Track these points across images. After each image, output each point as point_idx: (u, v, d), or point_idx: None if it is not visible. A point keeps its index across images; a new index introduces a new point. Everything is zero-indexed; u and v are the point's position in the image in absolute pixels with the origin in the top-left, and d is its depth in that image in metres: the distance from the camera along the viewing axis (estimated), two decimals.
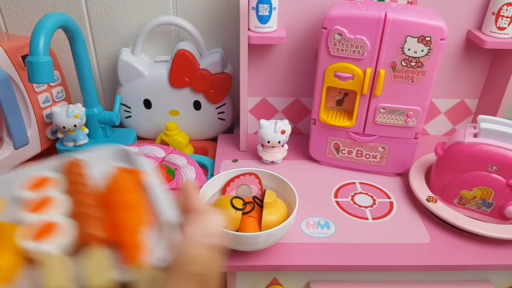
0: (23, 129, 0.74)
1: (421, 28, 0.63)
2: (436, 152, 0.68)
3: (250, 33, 0.72)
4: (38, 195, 0.30)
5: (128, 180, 0.31)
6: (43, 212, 0.29)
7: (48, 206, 0.29)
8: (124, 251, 0.26)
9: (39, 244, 0.26)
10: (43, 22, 0.62)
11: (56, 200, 0.30)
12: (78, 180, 0.31)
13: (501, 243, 0.63)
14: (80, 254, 0.26)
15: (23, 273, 0.26)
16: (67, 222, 0.28)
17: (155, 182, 0.31)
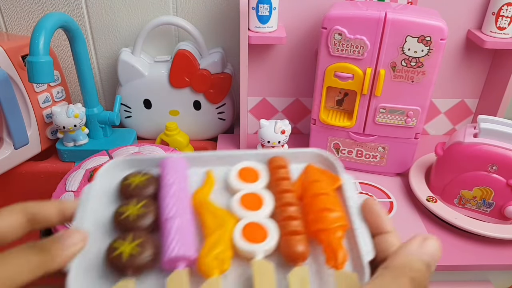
0: (23, 129, 0.74)
1: (421, 28, 0.63)
2: (436, 152, 0.68)
3: (250, 33, 0.72)
4: (249, 189, 0.33)
5: (327, 182, 0.33)
6: (255, 212, 0.31)
7: (258, 205, 0.32)
8: (326, 253, 0.28)
9: (250, 245, 0.29)
10: (43, 22, 0.62)
11: (265, 200, 0.32)
12: (284, 187, 0.32)
13: (501, 243, 0.63)
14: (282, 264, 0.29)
15: (232, 265, 0.29)
16: (273, 228, 0.30)
17: (352, 194, 0.32)
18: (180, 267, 0.28)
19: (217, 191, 0.34)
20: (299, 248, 0.28)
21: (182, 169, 0.35)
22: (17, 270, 0.24)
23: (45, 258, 0.26)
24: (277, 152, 0.36)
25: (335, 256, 0.28)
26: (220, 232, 0.30)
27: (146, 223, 0.30)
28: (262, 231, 0.30)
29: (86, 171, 0.69)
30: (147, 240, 0.29)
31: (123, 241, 0.29)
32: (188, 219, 0.31)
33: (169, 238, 0.29)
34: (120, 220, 0.30)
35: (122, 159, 0.35)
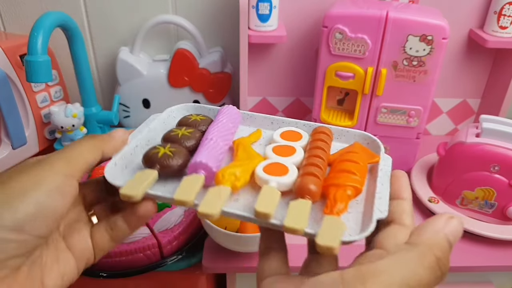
0: (21, 129, 0.74)
1: (423, 27, 0.62)
2: (438, 152, 0.67)
3: (250, 32, 0.71)
4: (286, 143, 0.38)
5: (362, 155, 0.35)
6: (283, 156, 0.35)
7: (289, 154, 0.36)
8: (327, 202, 0.30)
9: (266, 175, 0.33)
10: (41, 21, 0.62)
11: (296, 152, 0.36)
12: (319, 144, 0.36)
13: (503, 244, 0.62)
14: (290, 199, 0.31)
15: (246, 190, 0.33)
16: (294, 170, 0.33)
17: (385, 167, 0.35)
18: (200, 173, 0.32)
19: (260, 144, 0.39)
20: (311, 185, 0.31)
21: (235, 116, 0.40)
22: (82, 149, 0.32)
23: (99, 140, 0.34)
24: (325, 125, 0.40)
25: (333, 205, 0.30)
26: (246, 161, 0.34)
27: (187, 143, 0.36)
28: (283, 169, 0.34)
29: None
30: (181, 151, 0.35)
31: (162, 147, 0.34)
32: (223, 146, 0.36)
33: (200, 150, 0.34)
34: (168, 135, 0.37)
35: (193, 104, 0.43)
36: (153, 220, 0.60)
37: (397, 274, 0.21)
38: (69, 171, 0.30)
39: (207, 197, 0.30)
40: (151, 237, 0.57)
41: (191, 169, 0.33)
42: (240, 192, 0.33)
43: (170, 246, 0.58)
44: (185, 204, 0.30)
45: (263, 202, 0.30)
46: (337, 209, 0.29)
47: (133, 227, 0.34)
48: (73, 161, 0.31)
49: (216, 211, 0.29)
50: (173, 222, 0.60)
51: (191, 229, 0.61)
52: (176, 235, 0.59)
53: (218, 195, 0.30)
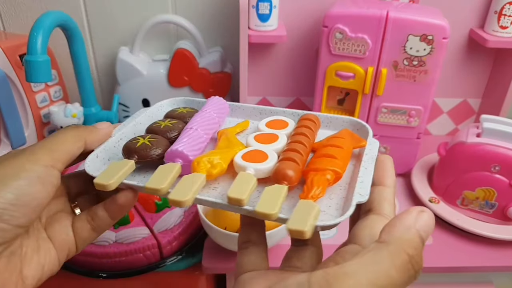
0: (20, 129, 0.73)
1: (423, 27, 0.62)
2: (439, 152, 0.67)
3: (250, 31, 0.71)
4: (270, 131, 0.37)
5: (347, 140, 0.34)
6: (265, 144, 0.35)
7: (271, 141, 0.35)
8: (304, 187, 0.29)
9: (244, 162, 0.32)
10: (41, 20, 0.62)
11: (279, 139, 0.35)
12: (303, 130, 0.36)
13: (504, 244, 0.62)
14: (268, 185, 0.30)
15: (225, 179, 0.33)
16: (273, 157, 0.33)
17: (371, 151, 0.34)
18: (176, 161, 0.32)
19: (245, 135, 0.39)
20: (288, 170, 0.30)
21: (221, 107, 0.40)
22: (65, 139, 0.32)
23: (82, 131, 0.34)
24: (313, 112, 0.39)
25: (310, 190, 0.29)
26: (225, 150, 0.34)
27: (169, 134, 0.36)
28: (262, 156, 0.33)
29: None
30: (161, 141, 0.35)
31: (142, 137, 0.35)
32: (203, 135, 0.36)
33: (179, 139, 0.34)
34: (151, 127, 0.37)
35: (183, 98, 0.43)
36: (153, 220, 0.60)
37: (366, 277, 0.20)
38: (51, 161, 0.30)
39: (180, 185, 0.30)
40: (151, 238, 0.57)
41: (168, 158, 0.33)
42: (219, 181, 0.33)
43: (169, 247, 0.58)
44: (157, 192, 0.30)
45: (236, 188, 0.29)
46: (313, 193, 0.28)
47: (114, 216, 0.34)
48: (55, 151, 0.31)
49: (186, 198, 0.28)
50: (173, 222, 0.59)
51: (191, 230, 0.61)
52: (176, 236, 0.58)
53: (190, 183, 0.30)
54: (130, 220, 0.59)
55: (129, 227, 0.58)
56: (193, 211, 0.62)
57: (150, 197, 0.61)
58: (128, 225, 0.59)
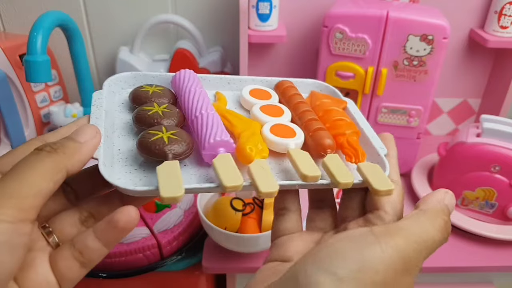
0: (20, 129, 0.73)
1: (423, 27, 0.62)
2: (439, 152, 0.67)
3: (250, 31, 0.71)
4: (268, 102, 0.36)
5: (334, 103, 0.37)
6: (277, 117, 0.34)
7: (280, 114, 0.35)
8: (348, 152, 0.32)
9: (283, 139, 0.31)
10: (41, 21, 0.62)
11: (284, 110, 0.35)
12: (300, 99, 0.36)
13: (504, 244, 0.62)
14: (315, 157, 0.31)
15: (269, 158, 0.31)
16: (298, 129, 0.33)
17: (357, 111, 0.37)
18: (221, 152, 0.29)
19: (234, 108, 0.36)
20: (327, 140, 0.31)
21: (197, 79, 0.35)
22: (36, 178, 0.22)
23: (60, 157, 0.24)
24: (283, 78, 0.39)
25: (356, 153, 0.31)
26: (250, 130, 0.32)
27: (173, 122, 0.31)
28: (290, 130, 0.33)
29: None
30: (181, 131, 0.30)
31: (158, 131, 0.29)
32: (216, 116, 0.32)
33: (204, 130, 0.30)
34: (148, 115, 0.31)
35: (131, 74, 0.36)
36: (153, 220, 0.60)
37: (416, 232, 0.24)
38: (19, 216, 0.21)
39: (257, 176, 0.27)
40: (151, 238, 0.57)
41: (209, 150, 0.29)
42: (268, 160, 0.31)
43: (169, 247, 0.58)
44: (237, 189, 0.27)
45: (305, 167, 0.29)
46: (361, 155, 0.32)
47: (110, 244, 0.26)
48: (24, 198, 0.22)
49: (276, 188, 0.27)
50: (173, 222, 0.59)
51: (190, 230, 0.61)
52: (176, 236, 0.58)
53: (264, 171, 0.28)
54: None
55: None
56: (193, 211, 0.62)
57: None
58: None
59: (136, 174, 0.28)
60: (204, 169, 0.30)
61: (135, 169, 0.28)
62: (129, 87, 0.36)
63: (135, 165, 0.29)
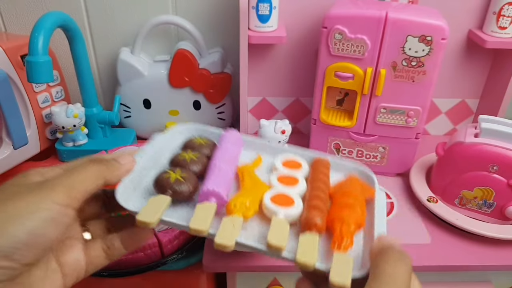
0: (22, 129, 0.74)
1: (422, 28, 0.63)
2: (437, 152, 0.68)
3: (250, 32, 0.72)
4: (289, 172, 0.40)
5: (359, 190, 0.38)
6: (288, 186, 0.38)
7: (293, 184, 0.38)
8: (334, 238, 0.32)
9: (275, 206, 0.35)
10: (42, 21, 0.62)
11: (299, 183, 0.38)
12: (321, 177, 0.39)
13: (502, 243, 0.63)
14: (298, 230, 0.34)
15: (252, 219, 0.35)
16: (299, 202, 0.36)
17: (381, 207, 0.37)
18: (211, 201, 0.34)
19: (261, 171, 0.41)
20: (317, 219, 0.33)
21: (238, 142, 0.43)
22: (85, 177, 0.32)
23: (104, 168, 0.34)
24: (323, 155, 0.42)
25: (340, 242, 0.32)
26: (252, 190, 0.36)
27: (195, 168, 0.38)
28: (289, 200, 0.36)
29: None
30: (192, 177, 0.37)
31: (172, 172, 0.36)
32: (230, 174, 0.38)
33: (210, 177, 0.36)
34: (176, 159, 0.39)
35: (196, 126, 0.46)
36: None
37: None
38: (67, 201, 0.30)
39: (222, 228, 0.32)
40: (152, 237, 0.58)
41: (202, 197, 0.34)
42: (251, 221, 0.35)
43: (170, 245, 0.59)
44: (200, 233, 0.32)
45: (274, 235, 0.31)
46: (344, 244, 0.32)
47: (129, 248, 0.36)
48: (73, 189, 0.30)
49: (231, 243, 0.31)
50: None
51: None
52: (177, 234, 0.59)
53: (232, 226, 0.32)
54: None
55: None
56: None
57: None
58: None
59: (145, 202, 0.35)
60: (193, 210, 0.34)
61: (147, 198, 0.35)
62: (189, 134, 0.45)
63: (150, 196, 0.35)
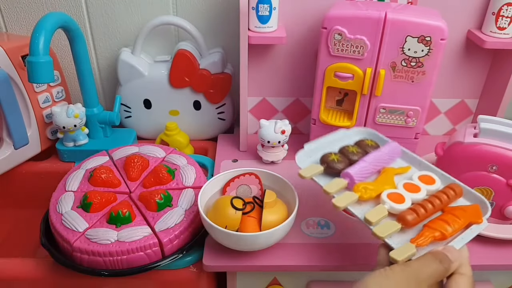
0: (23, 129, 0.74)
1: (421, 28, 0.63)
2: (436, 152, 0.68)
3: (250, 33, 0.72)
4: (418, 183, 0.54)
5: (469, 214, 0.49)
6: (408, 191, 0.52)
7: (414, 191, 0.52)
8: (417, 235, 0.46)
9: (386, 198, 0.51)
10: (43, 22, 0.62)
11: (420, 192, 0.52)
12: (441, 195, 0.51)
13: (501, 243, 0.63)
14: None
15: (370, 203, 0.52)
16: (408, 203, 0.50)
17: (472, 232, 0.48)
18: (346, 179, 0.54)
19: (401, 176, 0.56)
20: (408, 216, 0.47)
21: (395, 151, 0.59)
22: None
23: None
24: (457, 182, 0.54)
25: (419, 238, 0.45)
26: (380, 184, 0.53)
27: (352, 157, 0.57)
28: (401, 199, 0.50)
29: (86, 171, 0.69)
30: (344, 161, 0.57)
31: (334, 154, 0.58)
32: (371, 169, 0.56)
33: (354, 166, 0.55)
34: (343, 148, 0.60)
35: (367, 130, 0.64)
36: (154, 219, 0.61)
37: None
38: None
39: (343, 195, 0.51)
40: (152, 236, 0.58)
41: (343, 174, 0.54)
42: (367, 202, 0.52)
43: (171, 245, 0.59)
44: (327, 193, 0.52)
45: (372, 213, 0.48)
46: (419, 241, 0.45)
47: None
48: None
49: (342, 205, 0.49)
50: (174, 221, 0.60)
51: (191, 228, 0.62)
52: (177, 234, 0.59)
53: (350, 198, 0.50)
54: (132, 219, 0.60)
55: (131, 226, 0.59)
56: (194, 210, 0.63)
57: (152, 196, 0.62)
58: (130, 224, 0.59)
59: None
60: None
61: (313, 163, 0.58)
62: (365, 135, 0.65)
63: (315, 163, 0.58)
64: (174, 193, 0.65)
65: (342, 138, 0.62)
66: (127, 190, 0.67)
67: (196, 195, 0.64)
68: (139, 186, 0.68)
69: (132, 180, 0.68)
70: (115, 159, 0.72)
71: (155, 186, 0.67)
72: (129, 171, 0.69)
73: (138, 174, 0.69)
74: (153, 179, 0.67)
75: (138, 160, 0.70)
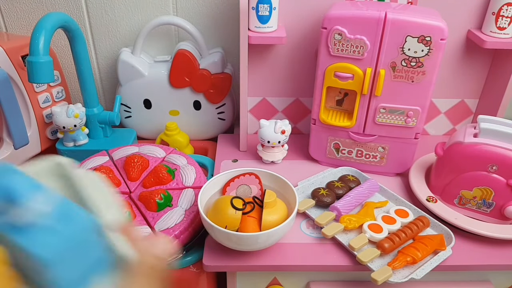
0: (23, 129, 0.74)
1: (421, 28, 0.63)
2: (436, 152, 0.68)
3: (250, 33, 0.72)
4: (393, 216, 0.65)
5: (436, 243, 0.60)
6: (385, 223, 0.63)
7: (390, 223, 0.63)
8: (394, 258, 0.58)
9: (367, 229, 0.61)
10: (43, 22, 0.62)
11: (395, 223, 0.63)
12: (412, 226, 0.62)
13: (501, 243, 0.63)
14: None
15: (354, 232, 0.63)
16: (385, 233, 0.61)
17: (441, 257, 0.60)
18: (334, 212, 0.64)
19: (380, 210, 0.68)
20: (385, 244, 0.58)
21: (374, 187, 0.71)
22: None
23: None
24: (425, 214, 0.65)
25: (394, 261, 0.57)
26: (362, 217, 0.64)
27: (338, 192, 0.69)
28: (379, 229, 0.61)
29: None
30: (331, 195, 0.67)
31: (323, 189, 0.69)
32: (354, 202, 0.67)
33: (340, 201, 0.66)
34: (330, 183, 0.71)
35: (350, 169, 0.77)
36: (154, 219, 0.61)
37: None
38: None
39: (330, 226, 0.61)
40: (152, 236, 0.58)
41: (331, 208, 0.65)
42: (351, 231, 0.62)
43: None
44: (319, 224, 0.62)
45: (355, 241, 0.59)
46: (395, 264, 0.56)
47: None
48: None
49: (330, 234, 0.60)
50: (174, 221, 0.60)
51: (191, 228, 0.62)
52: (177, 234, 0.59)
53: (336, 227, 0.61)
54: (132, 219, 0.60)
55: None
56: (194, 210, 0.63)
57: (152, 196, 0.62)
58: None
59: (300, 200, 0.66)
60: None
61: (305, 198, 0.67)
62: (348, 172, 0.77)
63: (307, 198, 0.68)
64: (174, 193, 0.65)
65: (326, 176, 0.74)
66: (127, 190, 0.67)
67: (196, 195, 0.64)
68: (139, 186, 0.68)
69: (132, 180, 0.69)
70: (115, 159, 0.72)
71: (155, 186, 0.67)
72: (129, 171, 0.69)
73: (138, 174, 0.69)
74: (153, 179, 0.68)
75: (138, 160, 0.70)
